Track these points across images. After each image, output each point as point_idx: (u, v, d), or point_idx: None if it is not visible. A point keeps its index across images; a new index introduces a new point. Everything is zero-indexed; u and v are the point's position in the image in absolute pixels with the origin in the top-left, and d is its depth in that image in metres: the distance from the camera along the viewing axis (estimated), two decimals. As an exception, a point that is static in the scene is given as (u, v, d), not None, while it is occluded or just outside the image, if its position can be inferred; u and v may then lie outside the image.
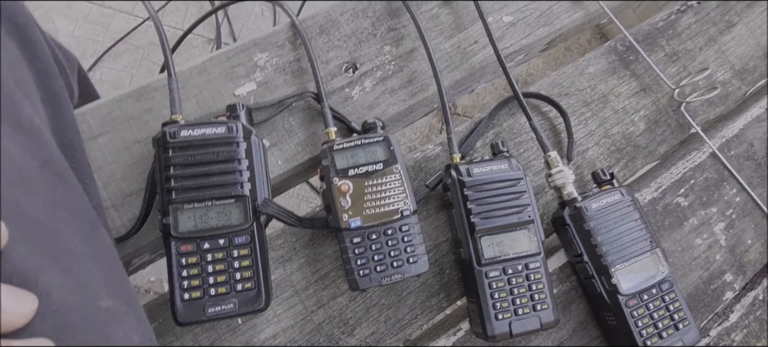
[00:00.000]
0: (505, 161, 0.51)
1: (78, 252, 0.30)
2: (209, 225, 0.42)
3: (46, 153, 0.32)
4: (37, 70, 0.39)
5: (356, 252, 0.46)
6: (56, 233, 0.29)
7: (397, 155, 0.48)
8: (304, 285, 0.50)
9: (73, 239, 0.31)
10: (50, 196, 0.31)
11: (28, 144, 0.31)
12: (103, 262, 0.33)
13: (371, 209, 0.46)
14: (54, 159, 0.33)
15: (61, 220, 0.30)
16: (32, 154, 0.31)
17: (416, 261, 0.47)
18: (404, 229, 0.47)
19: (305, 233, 0.51)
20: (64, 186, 0.33)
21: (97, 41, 1.44)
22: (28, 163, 0.30)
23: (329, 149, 0.47)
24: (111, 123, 0.48)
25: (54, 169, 0.32)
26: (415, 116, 0.60)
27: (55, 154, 0.34)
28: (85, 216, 0.34)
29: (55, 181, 0.32)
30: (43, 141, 0.33)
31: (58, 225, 0.30)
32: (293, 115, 0.53)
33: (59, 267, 0.28)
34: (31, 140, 0.32)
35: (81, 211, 0.33)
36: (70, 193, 0.33)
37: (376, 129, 0.50)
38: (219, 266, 0.42)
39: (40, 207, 0.30)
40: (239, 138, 0.44)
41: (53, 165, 0.32)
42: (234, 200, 0.43)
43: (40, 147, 0.32)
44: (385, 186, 0.47)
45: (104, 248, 0.34)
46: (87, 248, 0.32)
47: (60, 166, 0.33)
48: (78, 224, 0.32)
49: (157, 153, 0.43)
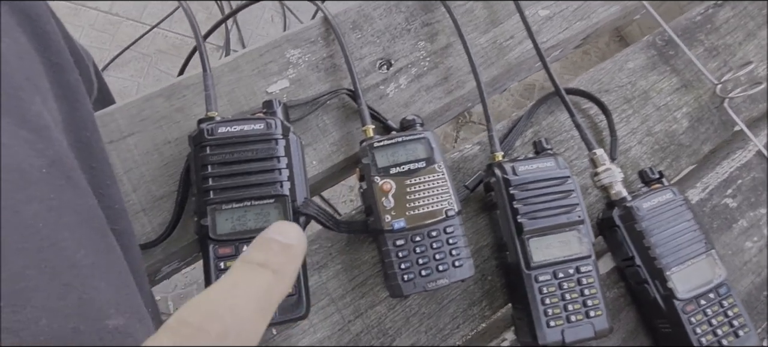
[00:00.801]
0: (551, 158, 0.48)
1: (84, 264, 0.28)
2: (248, 227, 0.40)
3: (53, 152, 0.30)
4: (51, 63, 0.37)
5: (400, 255, 0.44)
6: (59, 243, 0.27)
7: (438, 152, 0.46)
8: (340, 293, 0.47)
9: (78, 250, 0.28)
10: (55, 200, 0.28)
11: (34, 142, 0.29)
12: (114, 274, 0.30)
13: (414, 209, 0.44)
14: (62, 159, 0.30)
15: (66, 227, 0.28)
16: (38, 152, 0.28)
17: (462, 265, 0.45)
18: (449, 230, 0.45)
19: (341, 238, 0.48)
20: (72, 189, 0.30)
21: (103, 49, 1.43)
22: (33, 163, 0.28)
23: (369, 147, 0.45)
24: (140, 123, 0.46)
25: (62, 170, 0.30)
26: (450, 114, 0.58)
27: (64, 153, 0.31)
28: (95, 222, 0.31)
29: (62, 183, 0.29)
30: (50, 139, 0.30)
31: (61, 234, 0.27)
32: (327, 113, 0.51)
33: (59, 283, 0.25)
34: (37, 137, 0.29)
35: (90, 216, 0.30)
36: (78, 196, 0.30)
37: (415, 127, 0.48)
38: (258, 270, 0.40)
39: (42, 214, 0.27)
40: (278, 135, 0.42)
41: (61, 166, 0.30)
42: (273, 201, 0.41)
43: (48, 145, 0.30)
44: (428, 185, 0.45)
45: (115, 258, 0.32)
46: (95, 259, 0.29)
47: (69, 166, 0.31)
48: (85, 232, 0.29)
49: (192, 151, 0.41)
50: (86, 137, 0.38)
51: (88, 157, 0.37)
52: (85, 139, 0.38)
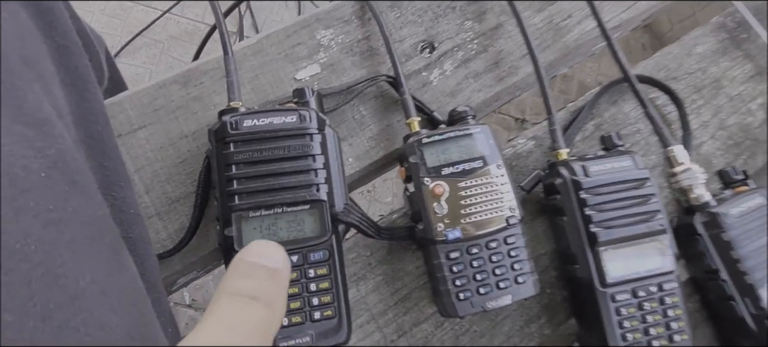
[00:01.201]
0: (627, 157, 0.42)
1: (89, 295, 0.22)
2: (279, 238, 0.34)
3: (56, 152, 0.24)
4: (56, 45, 0.31)
5: (454, 270, 0.37)
6: (56, 269, 0.21)
7: (496, 150, 0.40)
8: (381, 309, 0.41)
9: (82, 276, 0.22)
10: (56, 213, 0.22)
11: (31, 139, 0.23)
12: (128, 301, 0.25)
13: (471, 216, 0.38)
14: (66, 160, 0.25)
15: (68, 247, 0.22)
16: (36, 152, 0.23)
17: (525, 281, 0.38)
18: (510, 241, 0.39)
19: (381, 246, 0.42)
20: (79, 196, 0.24)
21: (114, 36, 1.37)
22: (29, 166, 0.22)
23: (418, 144, 0.39)
24: (153, 114, 0.40)
25: (66, 173, 0.24)
26: (497, 104, 0.51)
27: (70, 152, 0.25)
28: (106, 237, 0.25)
29: (66, 190, 0.24)
30: (52, 135, 0.25)
31: (60, 256, 0.21)
32: (364, 103, 0.45)
33: (56, 324, 0.20)
34: (36, 133, 0.24)
35: (100, 231, 0.25)
36: (86, 205, 0.25)
37: (467, 120, 0.42)
38: (292, 289, 0.34)
39: (35, 231, 0.21)
40: (313, 129, 0.36)
41: (65, 168, 0.24)
42: (308, 207, 0.35)
43: (49, 143, 0.24)
44: (486, 188, 0.38)
45: (129, 280, 0.26)
46: (105, 284, 0.23)
47: (75, 168, 0.25)
48: (93, 250, 0.24)
49: (214, 148, 0.35)
50: (98, 132, 0.32)
51: (100, 155, 0.32)
52: (97, 134, 0.32)
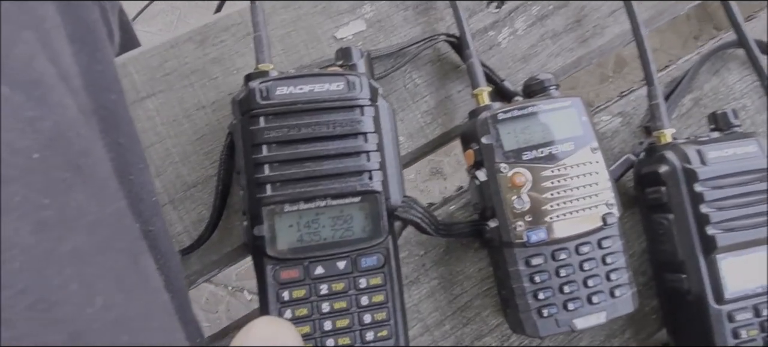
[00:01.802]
0: (752, 141, 0.33)
1: (99, 326, 0.16)
2: (322, 239, 0.27)
3: (53, 124, 0.18)
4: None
5: (536, 280, 0.30)
6: (55, 293, 0.15)
7: (590, 129, 0.32)
8: (437, 319, 0.34)
9: (92, 298, 0.16)
10: (51, 210, 0.16)
11: (19, 106, 0.17)
12: (153, 327, 0.19)
13: (558, 213, 0.30)
14: (68, 137, 0.18)
15: (69, 260, 0.16)
16: (26, 124, 0.17)
17: (623, 294, 0.31)
18: (606, 244, 0.31)
19: (438, 244, 0.35)
20: (83, 186, 0.18)
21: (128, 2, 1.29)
22: (14, 143, 0.16)
23: (492, 120, 0.31)
24: (164, 80, 0.33)
25: (66, 154, 0.18)
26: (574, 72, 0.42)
27: (73, 126, 0.19)
28: (121, 241, 0.19)
29: (66, 177, 0.17)
30: (48, 102, 0.18)
31: (60, 273, 0.16)
32: (418, 69, 0.36)
33: None
34: (24, 98, 0.17)
35: (114, 232, 0.19)
36: (93, 198, 0.18)
37: (549, 91, 0.33)
38: (339, 303, 0.27)
39: (24, 238, 0.15)
40: (364, 100, 0.28)
41: (65, 147, 0.18)
42: (359, 200, 0.27)
43: (44, 113, 0.18)
44: (578, 179, 0.31)
45: (151, 298, 0.20)
46: (120, 310, 0.17)
47: (78, 149, 0.18)
48: (105, 262, 0.18)
49: (239, 123, 0.28)
50: (112, 102, 0.26)
51: (114, 129, 0.25)
52: (111, 104, 0.26)
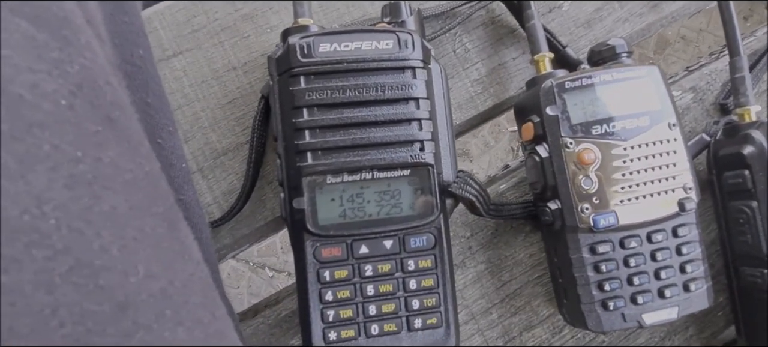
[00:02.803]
0: None
1: (145, 296, 0.14)
2: (367, 215, 0.24)
3: (80, 69, 0.15)
4: None
5: (603, 270, 0.27)
6: (97, 257, 0.13)
7: (669, 101, 0.28)
8: (484, 306, 0.32)
9: (135, 265, 0.14)
10: (85, 164, 0.14)
11: (43, 46, 0.15)
12: (196, 301, 0.17)
13: (630, 196, 0.27)
14: (98, 84, 0.16)
15: (108, 220, 0.14)
16: (52, 66, 0.15)
17: (699, 288, 0.28)
18: (682, 233, 0.28)
19: (485, 226, 0.32)
20: (117, 141, 0.16)
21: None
22: (40, 84, 0.14)
23: (559, 88, 0.27)
24: (192, 36, 0.30)
25: (96, 104, 0.16)
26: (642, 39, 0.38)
27: (101, 74, 0.16)
28: (158, 205, 0.17)
29: (98, 130, 0.15)
30: (76, 44, 0.16)
31: (100, 234, 0.14)
32: (469, 33, 0.33)
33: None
34: (50, 37, 0.15)
35: (150, 195, 0.16)
36: (127, 155, 0.16)
37: (621, 59, 0.29)
38: (385, 285, 0.24)
39: (59, 192, 0.13)
40: (416, 61, 0.25)
41: (96, 96, 0.16)
42: (408, 173, 0.24)
43: (71, 55, 0.15)
44: (654, 158, 0.27)
45: (192, 269, 0.17)
46: (165, 280, 0.15)
47: (110, 99, 0.16)
48: (145, 226, 0.16)
49: (276, 83, 0.25)
50: (140, 58, 0.24)
51: (143, 88, 0.24)
52: (139, 60, 0.23)
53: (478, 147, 1.12)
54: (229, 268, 1.05)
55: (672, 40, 1.27)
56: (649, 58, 1.31)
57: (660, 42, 1.27)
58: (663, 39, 1.28)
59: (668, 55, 1.26)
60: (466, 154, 1.12)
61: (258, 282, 0.98)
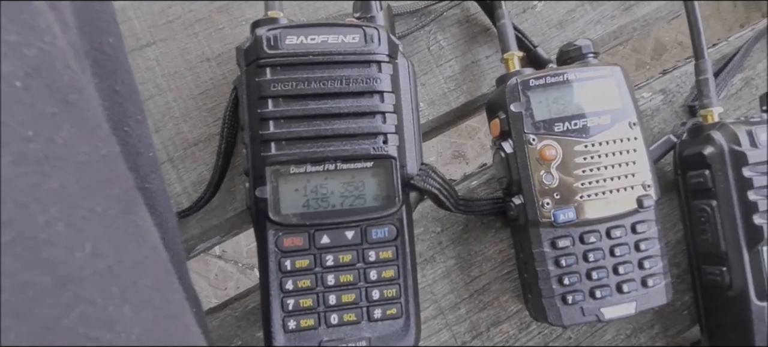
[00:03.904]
0: (811, 124, 0.30)
1: (89, 272, 0.15)
2: (330, 205, 0.25)
3: (38, 52, 0.16)
4: None
5: (562, 264, 0.27)
6: (42, 232, 0.14)
7: (631, 101, 0.28)
8: (452, 301, 0.32)
9: (81, 242, 0.15)
10: (36, 143, 0.15)
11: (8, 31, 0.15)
12: (146, 282, 0.17)
13: (590, 191, 0.27)
14: (56, 68, 0.16)
15: (55, 198, 0.15)
16: (8, 48, 0.15)
17: (656, 285, 0.28)
18: (640, 229, 0.28)
19: (456, 221, 0.32)
20: (73, 123, 0.16)
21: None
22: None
23: (523, 86, 0.28)
24: (166, 27, 0.31)
25: (53, 86, 0.16)
26: (616, 43, 0.39)
27: (60, 57, 0.17)
28: (113, 187, 0.17)
29: (54, 112, 0.16)
30: (34, 27, 0.16)
31: (46, 211, 0.14)
32: (444, 31, 0.33)
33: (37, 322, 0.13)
34: (7, 19, 0.15)
35: (105, 176, 0.17)
36: (83, 138, 0.16)
37: (587, 59, 0.30)
38: (345, 276, 0.25)
39: (5, 169, 0.14)
40: (382, 55, 0.25)
41: (53, 79, 0.16)
42: (371, 164, 0.25)
43: (29, 38, 0.16)
44: (614, 155, 0.28)
45: (146, 251, 0.18)
46: (112, 258, 0.16)
47: (68, 82, 0.17)
48: (95, 205, 0.16)
49: (244, 74, 0.25)
50: (109, 45, 0.24)
51: (111, 75, 0.24)
52: (108, 47, 0.24)
53: (474, 149, 1.12)
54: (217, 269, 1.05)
55: (669, 46, 1.28)
56: (646, 63, 1.33)
57: (657, 47, 1.28)
58: (660, 44, 1.29)
59: (665, 60, 1.28)
60: (462, 156, 1.13)
61: (246, 283, 0.98)
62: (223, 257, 1.05)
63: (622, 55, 1.13)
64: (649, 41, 1.24)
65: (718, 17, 1.19)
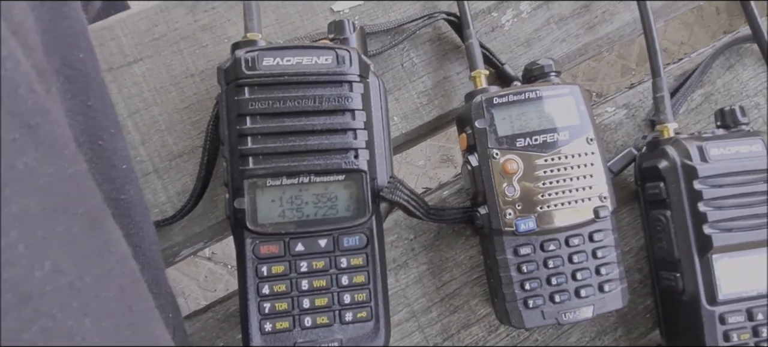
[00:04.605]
0: (757, 140, 0.32)
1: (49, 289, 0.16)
2: (304, 215, 0.26)
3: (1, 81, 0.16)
4: None
5: (524, 270, 0.29)
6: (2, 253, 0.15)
7: (588, 118, 0.30)
8: (424, 305, 0.34)
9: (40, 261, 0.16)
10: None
11: None
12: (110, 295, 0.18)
13: (550, 203, 0.29)
14: (18, 93, 0.17)
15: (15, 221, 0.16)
16: None
17: (613, 289, 0.30)
18: (597, 237, 0.30)
19: (428, 229, 0.34)
20: (35, 147, 0.17)
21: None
22: None
23: (487, 103, 0.30)
24: (152, 45, 0.32)
25: (15, 111, 0.17)
26: (581, 60, 0.41)
27: (23, 82, 0.18)
28: (76, 205, 0.18)
29: (15, 137, 0.17)
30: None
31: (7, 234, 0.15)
32: (417, 48, 0.35)
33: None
34: None
35: (68, 196, 0.18)
36: (45, 160, 0.17)
37: (549, 77, 0.32)
38: (318, 281, 0.26)
39: None
40: (353, 75, 0.27)
41: (14, 104, 0.17)
42: (343, 177, 0.27)
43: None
44: (572, 168, 0.30)
45: (111, 265, 0.19)
46: (73, 274, 0.17)
47: (31, 107, 0.17)
48: (57, 225, 0.17)
49: (224, 92, 0.27)
50: (80, 61, 0.25)
51: (83, 90, 0.25)
52: (79, 63, 0.25)
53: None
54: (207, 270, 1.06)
55: (652, 54, 1.30)
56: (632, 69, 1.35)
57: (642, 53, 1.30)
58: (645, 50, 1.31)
59: (683, 62, 1.30)
60: (450, 160, 1.14)
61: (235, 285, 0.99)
62: (213, 260, 1.06)
63: (607, 61, 1.15)
64: (634, 48, 1.26)
65: (702, 25, 1.21)
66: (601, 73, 1.15)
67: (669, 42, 1.29)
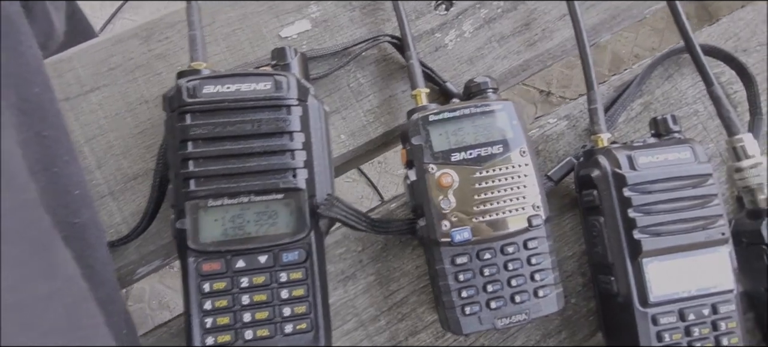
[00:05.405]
0: (686, 147, 0.33)
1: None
2: (246, 233, 0.28)
3: None
4: None
5: (461, 279, 0.31)
6: None
7: (521, 132, 0.32)
8: (372, 314, 0.35)
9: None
10: None
11: None
12: (55, 313, 0.20)
13: (484, 213, 0.31)
14: None
15: None
16: None
17: (547, 294, 0.32)
18: (532, 246, 0.32)
19: (375, 240, 0.36)
20: None
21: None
22: None
23: (423, 121, 0.31)
24: (108, 74, 0.34)
25: None
26: (525, 76, 0.43)
27: None
28: (25, 232, 0.20)
29: None
30: None
31: None
32: (363, 69, 0.37)
33: None
34: None
35: (16, 224, 0.19)
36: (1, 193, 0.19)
37: (487, 93, 0.34)
38: (259, 295, 0.28)
39: None
40: (291, 99, 0.29)
41: None
42: (282, 197, 0.28)
43: None
44: (506, 180, 0.31)
45: (59, 285, 0.21)
46: (23, 294, 0.19)
47: None
48: (9, 251, 0.18)
49: (168, 119, 0.29)
50: (35, 95, 0.26)
51: (38, 122, 0.26)
52: (34, 97, 0.26)
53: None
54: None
55: (626, 58, 1.33)
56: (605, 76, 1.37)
57: (615, 60, 1.33)
58: (617, 57, 1.34)
59: (625, 73, 1.33)
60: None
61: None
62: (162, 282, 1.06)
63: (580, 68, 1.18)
64: (607, 54, 1.29)
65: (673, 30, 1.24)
66: (574, 80, 1.17)
67: (640, 48, 1.31)
